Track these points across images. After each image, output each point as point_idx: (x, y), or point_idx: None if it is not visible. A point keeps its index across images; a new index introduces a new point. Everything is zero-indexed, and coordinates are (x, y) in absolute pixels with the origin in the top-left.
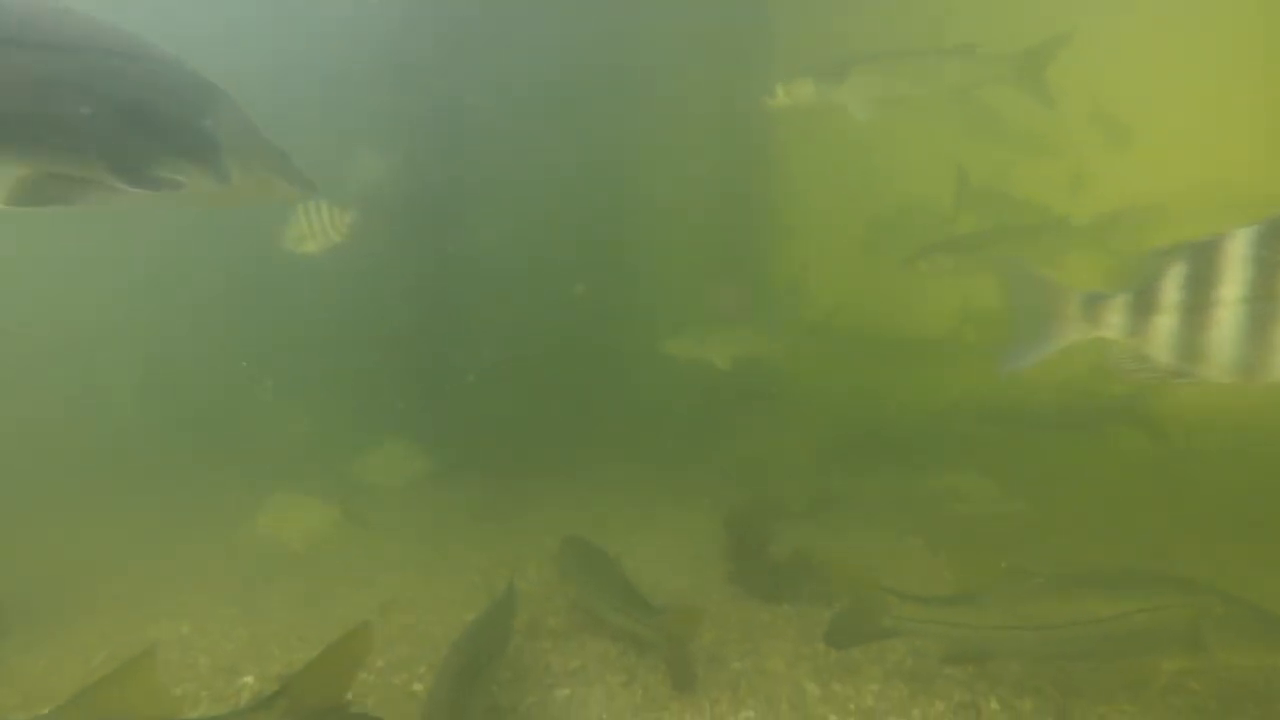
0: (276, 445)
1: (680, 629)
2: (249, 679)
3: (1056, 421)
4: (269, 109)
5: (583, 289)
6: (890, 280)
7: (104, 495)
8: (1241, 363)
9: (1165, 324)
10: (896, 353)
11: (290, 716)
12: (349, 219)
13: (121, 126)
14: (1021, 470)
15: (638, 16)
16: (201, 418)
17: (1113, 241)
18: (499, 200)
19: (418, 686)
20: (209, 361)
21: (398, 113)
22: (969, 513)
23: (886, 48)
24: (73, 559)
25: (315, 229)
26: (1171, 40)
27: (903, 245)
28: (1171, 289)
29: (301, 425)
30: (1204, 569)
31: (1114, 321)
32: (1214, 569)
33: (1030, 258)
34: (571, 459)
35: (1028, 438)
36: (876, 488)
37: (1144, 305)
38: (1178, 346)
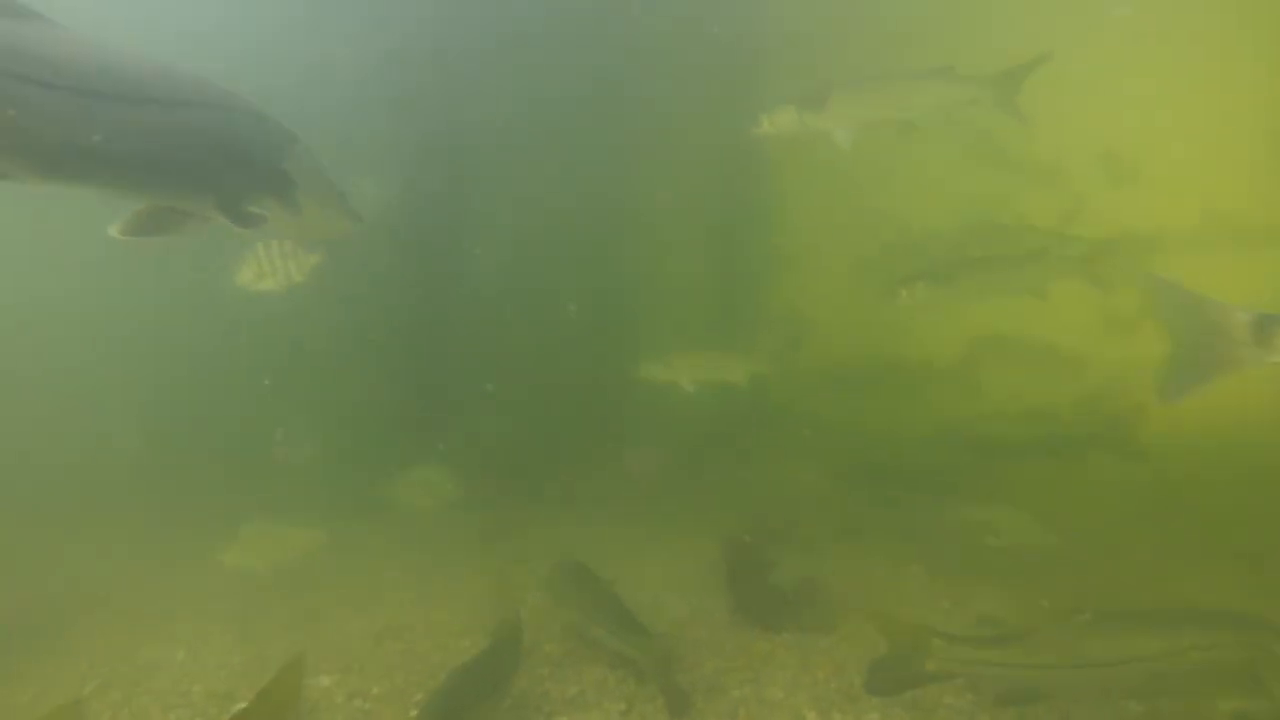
0: (278, 467)
1: (673, 654)
2: (245, 705)
3: (1042, 449)
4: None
5: (574, 309)
6: (886, 308)
7: (96, 516)
8: None
9: None
10: (886, 380)
11: None
12: (313, 262)
13: (226, 169)
14: (1025, 500)
15: (634, 42)
16: (204, 437)
17: (1102, 272)
18: (493, 227)
19: (414, 714)
20: (207, 381)
21: (391, 143)
22: (1003, 546)
23: (867, 74)
24: (65, 582)
25: (272, 267)
26: (1170, 73)
27: (897, 273)
28: None
29: (305, 447)
30: (1231, 596)
31: None
32: (1244, 597)
33: (1015, 287)
34: (571, 485)
35: (1016, 465)
36: (876, 516)
37: None
38: None
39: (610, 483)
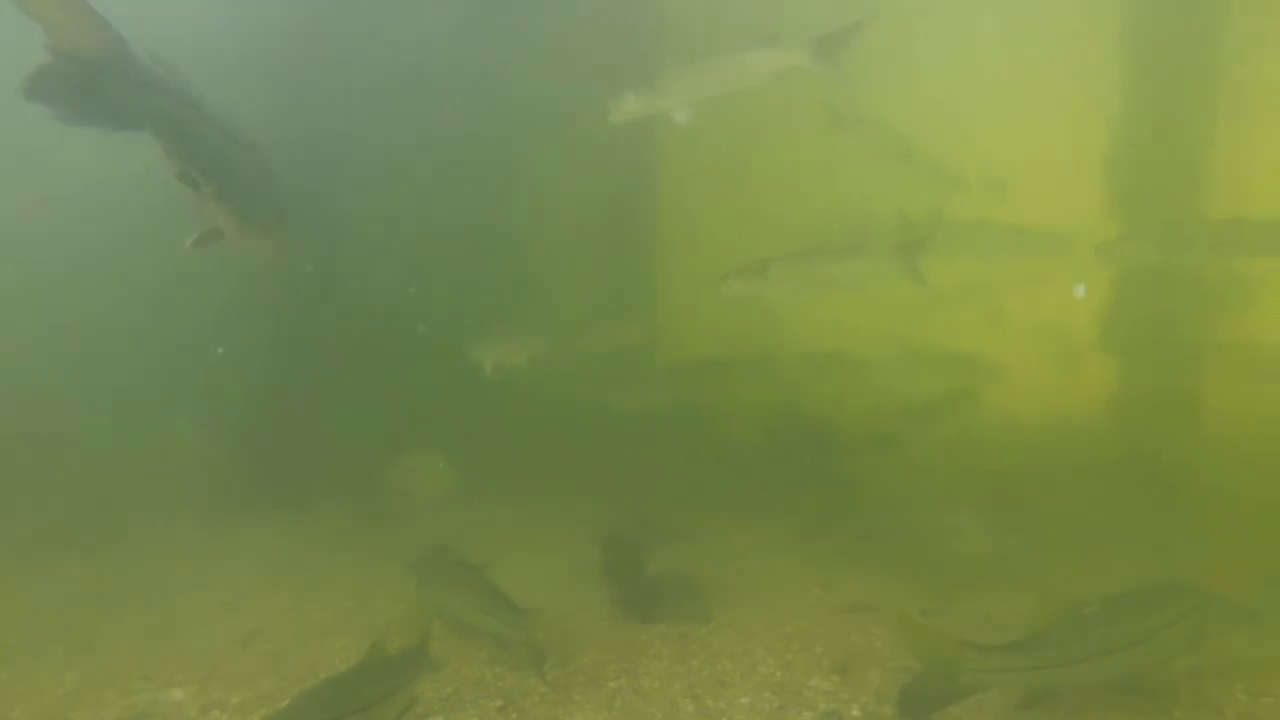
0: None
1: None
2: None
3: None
4: None
5: (414, 289)
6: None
7: None
8: None
9: None
10: (753, 371)
11: None
12: None
13: (261, 195)
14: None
15: (509, 13)
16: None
17: (920, 266)
18: (359, 213)
19: None
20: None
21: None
22: (968, 551)
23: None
24: None
25: None
26: (1038, 90)
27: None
28: None
29: (185, 440)
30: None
31: None
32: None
33: (833, 283)
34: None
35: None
36: (750, 505)
37: None
38: None
39: (487, 476)
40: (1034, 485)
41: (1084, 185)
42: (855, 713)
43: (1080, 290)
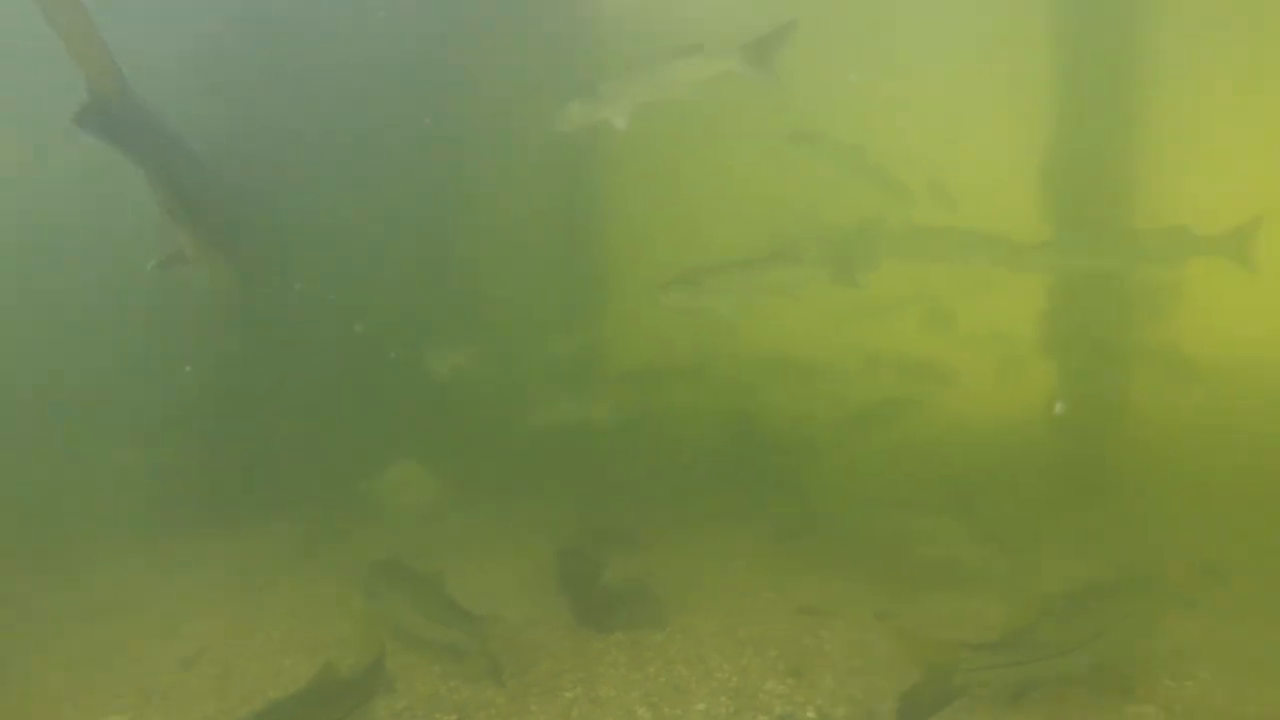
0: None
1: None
2: None
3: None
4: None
5: (360, 328)
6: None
7: None
8: None
9: None
10: (705, 379)
11: None
12: None
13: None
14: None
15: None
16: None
17: (852, 271)
18: (301, 222)
19: None
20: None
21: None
22: (942, 558)
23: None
24: None
25: None
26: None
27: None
28: None
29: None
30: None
31: None
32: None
33: (768, 289)
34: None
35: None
36: (703, 512)
37: None
38: None
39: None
40: (981, 487)
41: (1020, 193)
42: (810, 715)
43: (1058, 408)
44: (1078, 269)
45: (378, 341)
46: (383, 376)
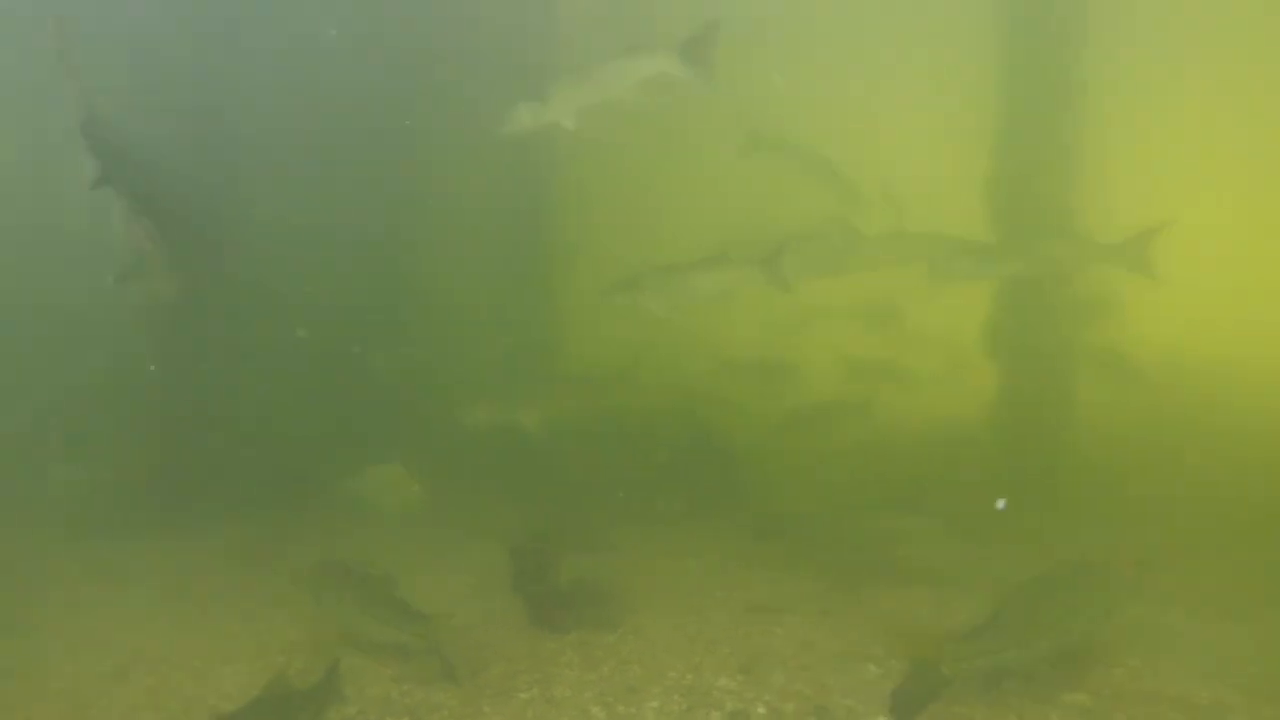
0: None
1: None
2: None
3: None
4: None
5: (304, 333)
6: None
7: None
8: None
9: None
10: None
11: None
12: None
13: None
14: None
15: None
16: None
17: (785, 273)
18: (245, 223)
19: None
20: None
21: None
22: (908, 555)
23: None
24: None
25: None
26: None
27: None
28: None
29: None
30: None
31: None
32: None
33: (704, 293)
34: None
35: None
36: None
37: None
38: None
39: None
40: (929, 484)
41: (965, 199)
42: (760, 710)
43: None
44: (990, 276)
45: (328, 344)
46: (333, 378)
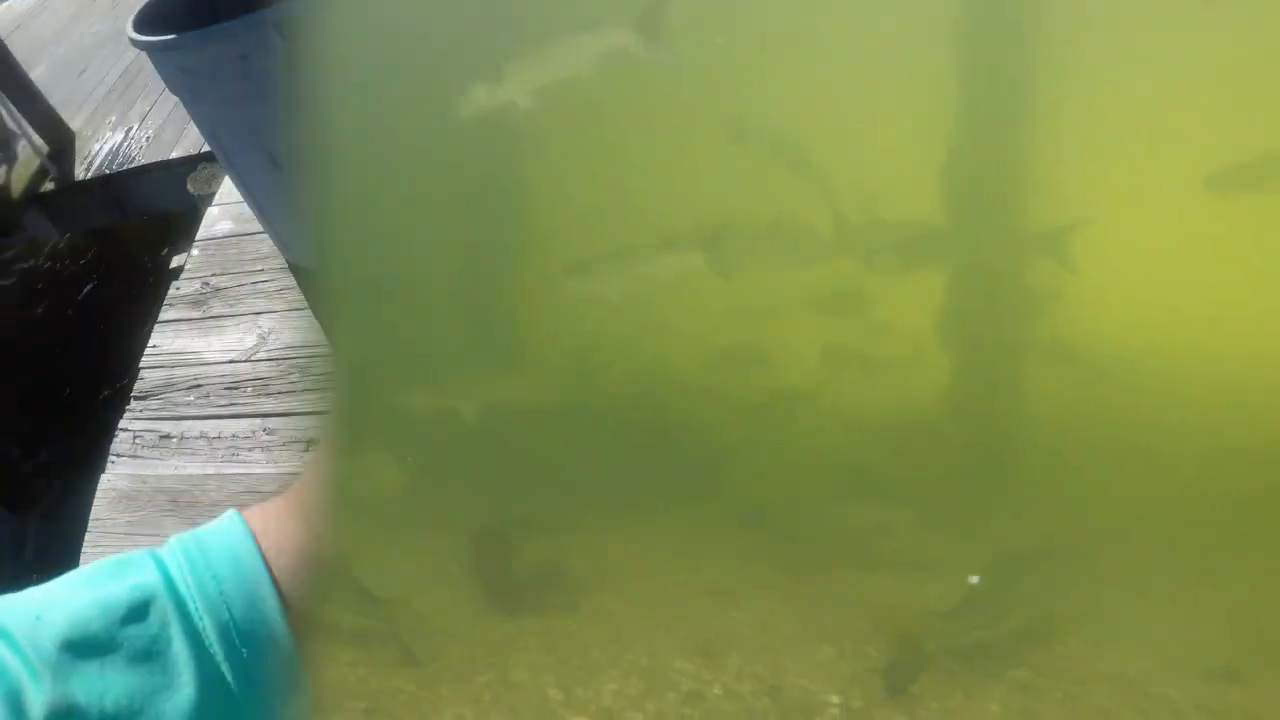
0: None
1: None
2: None
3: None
4: None
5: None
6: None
7: None
8: None
9: None
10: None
11: None
12: None
13: None
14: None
15: None
16: None
17: (729, 259)
18: None
19: None
20: None
21: None
22: (893, 549)
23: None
24: None
25: None
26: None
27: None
28: None
29: None
30: None
31: None
32: None
33: (650, 278)
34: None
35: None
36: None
37: None
38: None
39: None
40: (894, 473)
41: (918, 187)
42: (717, 691)
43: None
44: (933, 266)
45: None
46: None
